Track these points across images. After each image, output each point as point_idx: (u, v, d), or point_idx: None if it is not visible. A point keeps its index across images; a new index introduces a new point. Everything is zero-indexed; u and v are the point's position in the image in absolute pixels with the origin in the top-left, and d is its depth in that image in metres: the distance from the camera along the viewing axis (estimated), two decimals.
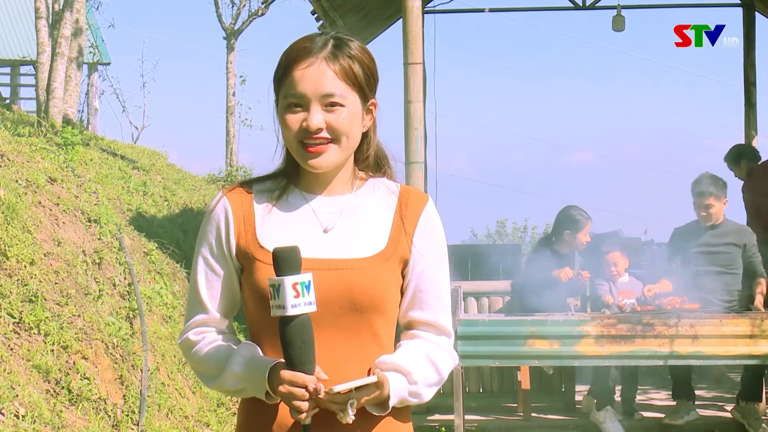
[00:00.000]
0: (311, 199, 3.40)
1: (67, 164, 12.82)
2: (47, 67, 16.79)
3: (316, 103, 3.26)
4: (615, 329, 10.46)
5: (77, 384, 8.08)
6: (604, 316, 10.62)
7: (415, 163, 11.44)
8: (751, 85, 17.76)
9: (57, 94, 16.58)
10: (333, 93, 3.27)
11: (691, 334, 10.44)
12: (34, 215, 9.84)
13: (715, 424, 11.10)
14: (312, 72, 3.27)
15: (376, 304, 3.31)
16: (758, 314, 10.67)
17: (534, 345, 10.53)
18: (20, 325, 8.23)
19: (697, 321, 10.48)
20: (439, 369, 3.40)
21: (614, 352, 10.51)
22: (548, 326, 10.53)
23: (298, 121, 3.27)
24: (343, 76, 3.30)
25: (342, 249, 3.32)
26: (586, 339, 10.46)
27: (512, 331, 10.57)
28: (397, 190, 3.46)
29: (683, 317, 10.48)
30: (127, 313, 9.68)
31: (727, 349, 10.52)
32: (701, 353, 10.51)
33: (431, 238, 3.44)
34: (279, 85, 3.34)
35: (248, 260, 3.33)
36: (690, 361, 10.72)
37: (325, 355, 3.19)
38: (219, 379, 3.34)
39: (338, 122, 3.27)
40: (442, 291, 3.46)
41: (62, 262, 9.48)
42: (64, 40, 16.81)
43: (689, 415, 11.03)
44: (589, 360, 10.64)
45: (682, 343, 10.45)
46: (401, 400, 3.28)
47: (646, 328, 10.44)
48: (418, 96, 11.58)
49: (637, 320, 10.48)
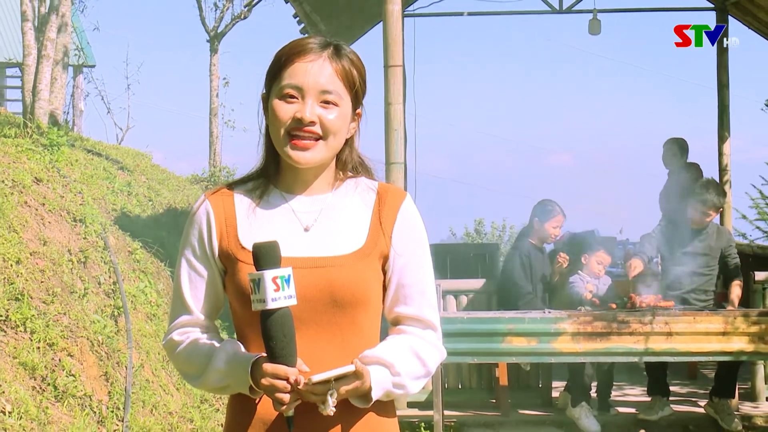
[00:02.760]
0: (291, 199, 3.41)
1: (52, 165, 12.81)
2: (33, 69, 16.78)
3: (312, 96, 3.29)
4: (591, 326, 10.50)
5: (63, 381, 8.09)
6: (580, 313, 10.65)
7: (395, 163, 11.45)
8: (724, 87, 17.83)
9: (43, 96, 16.58)
10: (331, 90, 3.30)
11: (666, 331, 10.48)
12: (20, 215, 9.84)
13: (689, 419, 11.14)
14: (315, 66, 3.30)
15: (358, 300, 3.32)
16: (731, 312, 10.72)
17: (512, 342, 10.56)
18: (6, 322, 8.23)
19: (672, 318, 10.52)
20: (425, 362, 3.44)
21: (590, 349, 10.54)
22: (525, 323, 10.56)
23: (291, 112, 3.28)
24: (342, 77, 3.33)
25: (322, 247, 3.33)
26: (563, 336, 10.50)
27: (490, 328, 10.59)
28: (376, 188, 3.48)
29: (658, 315, 10.52)
30: (112, 311, 9.69)
31: (700, 346, 10.57)
32: (675, 350, 10.55)
33: (410, 234, 3.46)
34: (276, 76, 3.35)
35: (231, 261, 3.35)
36: (664, 358, 10.77)
37: (310, 351, 3.21)
38: (203, 377, 3.36)
39: (330, 120, 3.30)
40: (426, 286, 3.49)
41: (48, 261, 9.49)
42: (49, 43, 16.80)
43: (664, 410, 11.08)
44: (566, 357, 10.67)
45: (656, 340, 10.49)
46: (386, 392, 3.29)
47: (622, 326, 10.48)
48: (398, 98, 11.59)
49: (612, 318, 10.52)
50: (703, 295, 11.21)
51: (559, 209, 11.55)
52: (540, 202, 11.69)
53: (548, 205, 11.61)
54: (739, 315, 10.60)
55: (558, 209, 11.55)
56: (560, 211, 11.54)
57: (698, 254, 11.24)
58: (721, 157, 17.71)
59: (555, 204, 11.59)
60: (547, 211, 11.57)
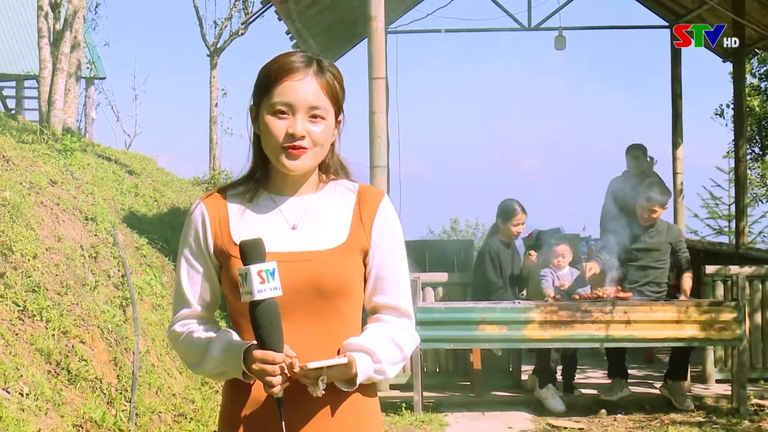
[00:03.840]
0: (279, 200, 3.43)
1: (66, 168, 12.78)
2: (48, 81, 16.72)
3: (302, 112, 3.29)
4: (557, 316, 10.52)
5: (76, 365, 8.07)
6: (547, 304, 10.67)
7: (378, 167, 11.45)
8: (677, 97, 17.92)
9: (57, 106, 16.52)
10: (318, 106, 3.31)
11: (625, 319, 10.51)
12: (36, 214, 9.82)
13: (646, 400, 11.15)
14: (303, 84, 3.31)
15: (341, 290, 3.34)
16: (683, 302, 10.76)
17: (485, 330, 10.58)
18: (24, 312, 8.21)
19: (630, 308, 10.55)
20: (402, 348, 3.42)
21: (556, 336, 10.57)
22: (497, 313, 10.58)
23: (284, 127, 3.29)
24: (326, 91, 3.34)
25: (308, 243, 3.35)
26: (531, 324, 10.52)
27: (465, 317, 10.61)
28: (356, 189, 3.50)
29: (617, 305, 10.55)
30: (120, 302, 9.67)
31: (656, 333, 10.60)
32: (633, 336, 10.59)
33: (387, 230, 3.47)
34: (266, 91, 3.35)
35: (225, 257, 3.37)
36: (623, 344, 10.80)
37: (298, 337, 3.23)
38: (202, 365, 3.38)
39: (318, 133, 3.32)
40: (401, 278, 3.50)
41: (62, 256, 9.46)
42: (63, 57, 16.75)
43: (623, 392, 11.10)
44: (534, 343, 10.70)
45: (616, 327, 10.52)
46: (368, 377, 3.32)
47: (585, 315, 10.51)
48: (381, 107, 11.58)
49: (576, 308, 10.55)
50: (656, 287, 11.25)
51: (519, 209, 11.56)
52: (502, 203, 11.71)
53: (509, 205, 11.62)
54: (691, 305, 10.63)
55: (518, 209, 11.56)
56: (521, 211, 11.55)
57: (651, 249, 11.27)
58: (674, 161, 17.78)
59: (516, 204, 11.60)
60: (508, 212, 11.60)
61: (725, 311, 10.54)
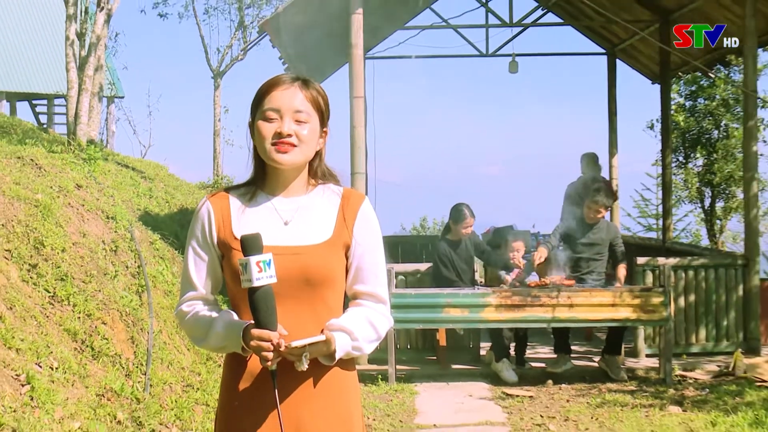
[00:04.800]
0: (274, 200, 3.45)
1: (90, 174, 12.74)
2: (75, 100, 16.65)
3: (288, 115, 3.35)
4: (510, 300, 10.55)
5: (98, 343, 8.05)
6: (502, 290, 10.71)
7: (358, 173, 11.48)
8: (613, 114, 18.03)
9: (83, 121, 16.46)
10: (301, 110, 3.36)
11: (568, 303, 10.55)
12: (64, 213, 9.78)
13: (586, 372, 11.19)
14: (288, 93, 3.36)
15: (326, 280, 3.37)
16: (618, 288, 10.81)
17: (449, 312, 10.60)
18: (54, 297, 8.19)
19: (573, 293, 10.59)
20: (377, 329, 3.45)
21: (510, 318, 10.60)
22: (460, 298, 10.61)
23: (273, 128, 3.34)
24: (310, 101, 3.39)
25: (298, 238, 3.37)
26: (489, 308, 10.54)
27: (432, 301, 10.63)
28: (341, 192, 3.52)
29: (562, 291, 10.59)
30: (136, 289, 9.64)
31: (595, 315, 10.65)
32: (576, 318, 10.64)
33: (367, 228, 3.49)
34: (258, 104, 3.40)
35: (227, 248, 3.39)
36: (567, 324, 10.83)
37: (288, 319, 3.25)
38: (206, 340, 3.40)
39: (302, 133, 3.36)
40: (379, 269, 3.52)
41: (86, 250, 9.44)
42: (88, 79, 16.69)
43: (566, 365, 11.15)
44: (491, 323, 10.73)
45: (561, 310, 10.56)
46: (347, 353, 3.34)
47: (534, 299, 10.54)
48: (360, 122, 11.61)
49: (527, 293, 10.59)
50: (596, 276, 11.31)
51: (468, 213, 11.60)
52: (453, 207, 11.75)
53: (460, 210, 11.65)
54: (625, 291, 10.68)
55: (467, 213, 11.60)
56: (469, 215, 11.60)
57: (593, 244, 11.33)
58: (611, 168, 17.87)
59: (465, 209, 11.62)
60: (458, 215, 11.64)
61: (654, 296, 10.59)
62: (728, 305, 12.02)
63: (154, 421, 7.54)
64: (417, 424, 8.94)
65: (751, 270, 11.94)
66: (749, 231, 12.27)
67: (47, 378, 6.83)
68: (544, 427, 8.74)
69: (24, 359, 6.80)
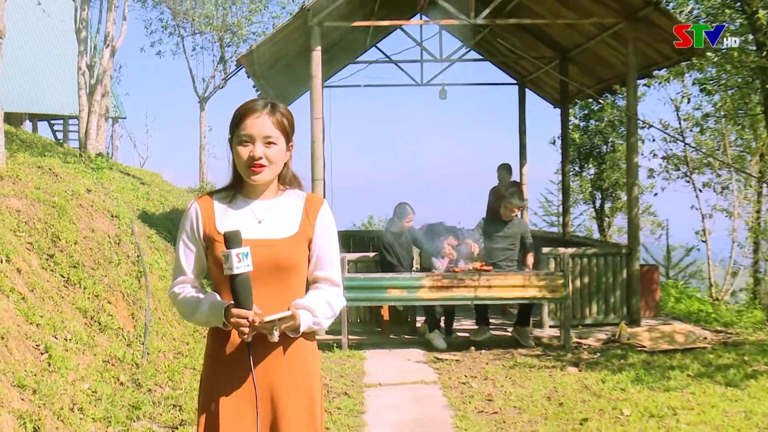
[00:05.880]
0: (250, 202, 3.44)
1: (98, 181, 12.63)
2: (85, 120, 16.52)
3: (259, 140, 3.33)
4: (441, 282, 10.57)
5: (105, 319, 7.98)
6: (434, 274, 10.72)
7: (317, 180, 11.47)
8: (523, 133, 18.13)
9: (92, 137, 16.35)
10: (270, 135, 3.34)
11: (487, 285, 10.59)
12: (77, 213, 9.69)
13: (502, 340, 11.23)
14: (258, 122, 3.33)
15: (292, 267, 3.37)
16: (527, 273, 10.86)
17: (391, 293, 10.60)
18: (68, 282, 8.10)
19: (491, 277, 10.63)
20: (333, 307, 3.46)
21: (440, 297, 10.62)
22: (400, 280, 10.61)
23: (248, 152, 3.33)
24: (277, 126, 3.36)
25: (270, 233, 3.37)
26: (423, 289, 10.56)
27: (378, 284, 10.62)
28: (304, 196, 3.53)
29: (482, 275, 10.63)
30: (136, 274, 9.56)
31: (508, 294, 10.70)
32: (493, 296, 10.68)
33: (325, 225, 3.49)
34: (235, 128, 3.38)
35: (211, 242, 3.38)
36: (486, 302, 10.88)
37: (261, 300, 3.25)
38: (194, 316, 3.40)
39: (272, 155, 3.35)
40: (334, 258, 3.51)
41: (95, 242, 9.35)
42: (96, 103, 16.57)
43: (486, 335, 11.19)
44: (425, 301, 10.74)
45: (482, 290, 10.60)
46: (308, 327, 3.34)
47: (460, 281, 10.57)
48: (319, 138, 11.60)
49: (454, 277, 10.61)
50: (510, 263, 11.36)
51: (410, 209, 11.65)
52: (398, 205, 11.77)
53: (403, 207, 11.69)
54: (533, 275, 10.74)
55: (409, 209, 11.64)
56: (411, 211, 11.64)
57: (507, 237, 11.39)
58: (521, 176, 17.94)
59: (407, 206, 11.66)
60: (401, 212, 11.66)
61: (555, 279, 10.66)
62: (614, 286, 12.14)
63: (150, 382, 7.48)
64: (365, 383, 8.93)
65: (633, 257, 12.07)
66: (631, 226, 12.40)
67: (62, 347, 6.76)
68: (467, 384, 8.76)
69: (43, 332, 6.73)
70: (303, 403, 3.37)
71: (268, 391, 3.33)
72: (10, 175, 9.85)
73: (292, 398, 3.35)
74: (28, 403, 5.63)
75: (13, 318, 6.53)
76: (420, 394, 8.45)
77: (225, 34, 25.82)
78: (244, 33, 25.42)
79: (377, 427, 7.27)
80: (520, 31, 15.97)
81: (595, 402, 7.86)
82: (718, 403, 7.63)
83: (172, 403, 7.14)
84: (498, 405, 7.88)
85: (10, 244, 7.70)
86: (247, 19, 25.39)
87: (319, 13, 11.43)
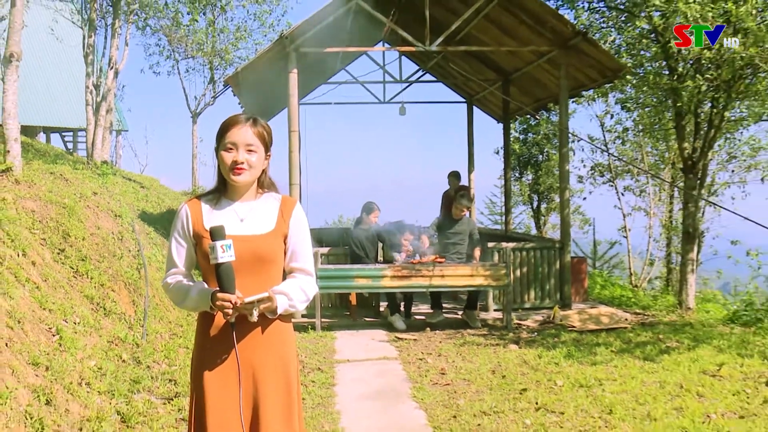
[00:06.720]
0: (233, 204, 3.43)
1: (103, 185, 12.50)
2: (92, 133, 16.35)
3: (242, 147, 3.33)
4: (401, 273, 10.56)
5: (109, 305, 7.90)
6: (395, 266, 10.70)
7: (294, 184, 11.41)
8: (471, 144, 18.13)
9: (98, 147, 16.18)
10: (251, 144, 3.34)
11: (441, 274, 10.60)
12: (84, 213, 9.59)
13: (453, 322, 11.25)
14: (242, 131, 3.33)
15: (270, 259, 3.35)
16: (475, 264, 10.88)
17: (358, 281, 10.58)
18: (77, 273, 8.01)
19: (444, 267, 10.64)
20: (307, 293, 3.44)
21: (401, 285, 10.61)
22: (366, 271, 10.58)
23: (231, 157, 3.33)
24: (257, 136, 3.36)
25: (250, 229, 3.37)
26: (386, 278, 10.54)
27: (346, 274, 10.59)
28: (280, 198, 3.52)
29: (437, 266, 10.64)
30: (136, 266, 9.47)
31: (459, 282, 10.71)
32: (446, 284, 10.68)
33: (299, 223, 3.48)
34: (221, 137, 3.36)
35: (199, 238, 3.37)
36: (440, 289, 10.88)
37: (243, 287, 3.24)
38: (185, 302, 3.38)
39: (252, 160, 3.35)
40: (307, 252, 3.50)
41: (100, 239, 9.25)
42: (102, 118, 16.40)
43: (440, 317, 11.20)
44: (388, 289, 10.73)
45: (436, 279, 10.60)
46: (285, 310, 3.33)
47: (417, 272, 10.57)
48: (295, 148, 11.55)
49: (412, 267, 10.60)
50: (460, 255, 11.37)
51: (376, 207, 11.64)
52: (366, 203, 11.76)
53: (370, 205, 11.67)
54: (479, 266, 10.76)
55: (375, 207, 11.63)
56: (377, 208, 11.63)
57: (458, 233, 11.40)
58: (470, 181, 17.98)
59: (374, 204, 11.66)
60: (368, 208, 11.64)
61: (499, 269, 10.69)
62: (549, 275, 12.21)
63: (149, 359, 7.41)
64: (336, 359, 8.91)
65: (565, 251, 12.14)
66: (563, 224, 12.47)
67: (71, 330, 6.69)
68: (424, 360, 8.77)
69: (54, 317, 6.65)
70: (281, 377, 3.36)
71: (250, 366, 3.32)
72: (26, 180, 9.72)
73: (271, 372, 3.33)
74: (41, 378, 5.57)
75: (28, 304, 6.46)
76: (383, 368, 8.44)
77: (214, 58, 25.57)
78: (230, 57, 25.20)
79: (346, 397, 7.26)
80: (468, 56, 16.04)
81: (532, 374, 7.90)
82: (637, 375, 7.71)
83: (168, 378, 7.09)
84: (450, 377, 7.89)
85: (26, 240, 7.61)
86: (234, 45, 25.17)
87: (295, 40, 11.40)
